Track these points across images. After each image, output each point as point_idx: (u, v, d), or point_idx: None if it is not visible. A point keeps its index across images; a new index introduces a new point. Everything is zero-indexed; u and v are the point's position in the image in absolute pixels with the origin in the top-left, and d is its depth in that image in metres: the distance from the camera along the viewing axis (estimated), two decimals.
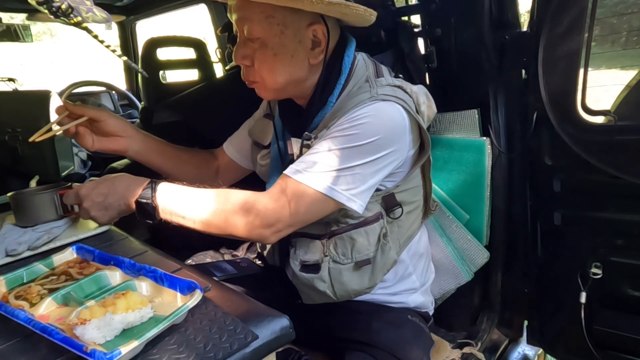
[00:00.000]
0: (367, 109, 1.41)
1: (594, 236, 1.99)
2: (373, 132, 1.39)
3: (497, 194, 2.13)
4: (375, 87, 1.47)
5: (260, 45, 1.44)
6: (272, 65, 1.46)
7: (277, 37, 1.42)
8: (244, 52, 1.47)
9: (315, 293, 1.60)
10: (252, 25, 1.41)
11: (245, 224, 1.38)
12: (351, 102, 1.46)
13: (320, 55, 1.48)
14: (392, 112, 1.44)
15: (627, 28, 1.90)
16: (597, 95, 1.89)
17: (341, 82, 1.52)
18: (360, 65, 1.56)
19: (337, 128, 1.42)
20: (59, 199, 1.56)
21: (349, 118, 1.41)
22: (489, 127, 2.10)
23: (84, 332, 0.95)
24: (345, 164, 1.38)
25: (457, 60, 2.17)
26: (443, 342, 2.10)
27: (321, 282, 1.57)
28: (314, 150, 1.41)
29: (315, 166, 1.37)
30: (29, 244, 1.44)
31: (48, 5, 1.24)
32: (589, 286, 1.99)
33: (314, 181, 1.37)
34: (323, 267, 1.56)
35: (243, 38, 1.47)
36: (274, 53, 1.44)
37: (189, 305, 1.01)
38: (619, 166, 1.80)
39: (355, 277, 1.58)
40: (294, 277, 1.63)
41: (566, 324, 2.13)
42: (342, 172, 1.38)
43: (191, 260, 1.97)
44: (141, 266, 1.20)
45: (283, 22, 1.40)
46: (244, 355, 0.98)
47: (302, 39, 1.44)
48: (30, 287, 1.17)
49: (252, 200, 1.38)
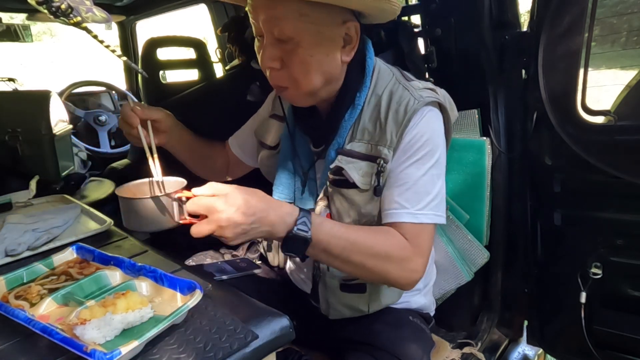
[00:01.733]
0: (421, 123, 1.41)
1: (594, 236, 1.99)
2: (436, 144, 1.42)
3: (497, 194, 2.13)
4: (415, 90, 1.45)
5: (294, 46, 1.33)
6: (307, 66, 1.36)
7: (313, 36, 1.33)
8: (273, 55, 1.36)
9: (348, 309, 1.60)
10: (285, 25, 1.30)
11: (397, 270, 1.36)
12: (394, 110, 1.43)
13: (352, 52, 1.43)
14: (438, 119, 1.46)
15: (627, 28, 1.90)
16: (597, 95, 1.89)
17: (367, 84, 1.49)
18: (383, 68, 1.54)
19: (406, 151, 1.41)
20: (178, 203, 1.25)
21: (412, 136, 1.40)
22: (489, 127, 2.10)
23: (84, 332, 0.95)
24: (434, 187, 1.42)
25: (457, 60, 2.17)
26: (443, 342, 2.10)
27: (364, 301, 1.58)
28: (403, 182, 1.40)
29: (420, 202, 1.39)
30: (28, 244, 1.44)
31: (48, 5, 1.24)
32: (589, 286, 1.99)
33: (427, 218, 1.39)
34: (368, 288, 1.57)
35: (271, 39, 1.35)
36: (309, 54, 1.34)
37: (189, 305, 1.02)
38: (618, 166, 1.80)
39: (389, 292, 1.61)
40: (330, 295, 1.59)
41: (566, 324, 2.13)
42: (436, 198, 1.41)
43: (191, 260, 1.96)
44: (141, 266, 1.20)
45: (318, 20, 1.31)
46: (244, 355, 0.99)
47: (336, 36, 1.38)
48: (30, 287, 1.17)
49: (402, 246, 1.36)
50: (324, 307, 1.62)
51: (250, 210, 1.17)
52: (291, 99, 1.50)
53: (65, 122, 2.73)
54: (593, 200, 1.97)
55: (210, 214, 1.14)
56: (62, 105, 2.75)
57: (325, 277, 1.57)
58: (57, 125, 2.55)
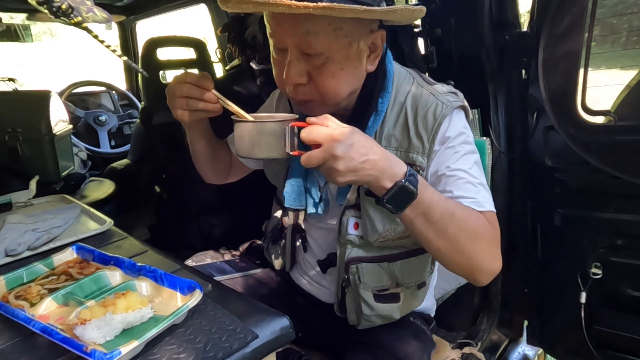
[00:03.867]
0: (452, 125, 1.41)
1: (594, 236, 1.99)
2: (471, 138, 1.44)
3: (497, 194, 2.12)
4: (441, 95, 1.44)
5: (324, 60, 1.29)
6: (337, 80, 1.32)
7: (345, 49, 1.29)
8: (300, 70, 1.30)
9: (381, 319, 1.58)
10: (317, 40, 1.25)
11: (484, 253, 1.33)
12: (422, 116, 1.42)
13: (376, 60, 1.41)
14: (464, 120, 1.47)
15: (627, 28, 1.90)
16: (597, 95, 1.88)
17: (389, 89, 1.46)
18: (402, 72, 1.52)
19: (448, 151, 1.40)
20: (291, 132, 1.20)
21: (449, 136, 1.40)
22: (489, 127, 2.10)
23: (84, 332, 0.96)
24: (483, 177, 1.42)
25: (457, 60, 2.17)
26: (443, 342, 2.10)
27: (397, 310, 1.57)
28: (457, 178, 1.37)
29: (479, 192, 1.37)
30: (28, 244, 1.44)
31: (48, 5, 1.24)
32: (589, 286, 1.99)
33: (490, 206, 1.38)
34: (402, 296, 1.57)
35: (298, 54, 1.29)
36: (340, 67, 1.31)
37: (189, 305, 1.02)
38: (618, 166, 1.80)
39: (419, 297, 1.64)
40: (364, 306, 1.54)
41: (566, 324, 2.13)
42: (487, 188, 1.41)
43: (191, 260, 1.97)
44: (141, 266, 1.20)
45: (350, 33, 1.27)
46: (244, 355, 0.99)
47: (364, 47, 1.34)
48: (30, 287, 1.18)
49: (489, 229, 1.35)
50: (353, 318, 1.59)
51: (365, 149, 1.14)
52: (312, 111, 1.39)
53: (65, 122, 2.74)
54: (593, 201, 1.97)
55: (327, 142, 1.11)
56: (62, 105, 2.76)
57: (358, 289, 1.52)
58: (57, 125, 2.55)
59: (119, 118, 4.78)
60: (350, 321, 1.60)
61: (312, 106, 1.39)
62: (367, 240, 1.46)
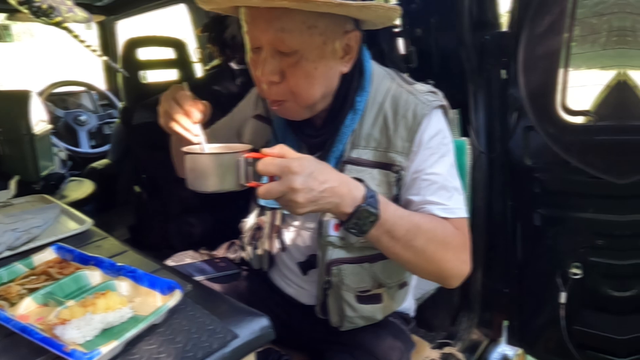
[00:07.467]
0: (431, 125, 1.42)
1: (573, 236, 2.00)
2: (450, 140, 1.46)
3: (477, 194, 2.13)
4: (421, 94, 1.45)
5: (297, 58, 1.29)
6: (311, 79, 1.33)
7: (319, 48, 1.29)
8: (274, 68, 1.31)
9: (364, 320, 1.58)
10: (291, 38, 1.26)
11: (453, 259, 1.36)
12: (402, 116, 1.42)
13: (350, 63, 1.41)
14: (444, 120, 1.49)
15: (607, 28, 1.91)
16: (577, 95, 1.90)
17: (367, 88, 1.45)
18: (380, 71, 1.52)
19: (426, 152, 1.41)
20: (246, 164, 1.17)
21: (428, 137, 1.40)
22: (469, 127, 2.11)
23: (63, 332, 0.97)
24: (458, 182, 1.45)
25: (437, 60, 2.18)
26: (422, 342, 2.10)
27: (380, 310, 1.57)
28: (432, 182, 1.39)
29: (452, 198, 1.39)
30: (8, 244, 1.43)
31: (29, 5, 1.24)
32: (569, 286, 2.00)
33: (462, 212, 1.41)
34: (384, 297, 1.56)
35: (272, 52, 1.29)
36: (314, 66, 1.31)
37: (168, 305, 1.03)
38: (598, 166, 1.82)
39: (401, 297, 1.65)
40: (346, 307, 1.53)
41: (546, 324, 2.14)
42: (461, 192, 1.43)
43: (171, 260, 1.95)
44: (121, 266, 1.21)
45: (325, 32, 1.28)
46: (224, 355, 0.99)
47: (338, 47, 1.34)
48: (10, 287, 1.19)
49: (456, 235, 1.36)
50: (335, 320, 1.57)
51: (323, 177, 1.13)
52: (286, 113, 1.44)
53: (45, 122, 2.73)
54: (573, 201, 1.98)
55: (284, 175, 1.09)
56: (42, 105, 2.74)
57: (340, 291, 1.51)
58: (37, 125, 2.54)
59: (98, 118, 4.77)
60: (333, 323, 1.58)
61: (285, 108, 1.40)
62: (349, 241, 1.45)
